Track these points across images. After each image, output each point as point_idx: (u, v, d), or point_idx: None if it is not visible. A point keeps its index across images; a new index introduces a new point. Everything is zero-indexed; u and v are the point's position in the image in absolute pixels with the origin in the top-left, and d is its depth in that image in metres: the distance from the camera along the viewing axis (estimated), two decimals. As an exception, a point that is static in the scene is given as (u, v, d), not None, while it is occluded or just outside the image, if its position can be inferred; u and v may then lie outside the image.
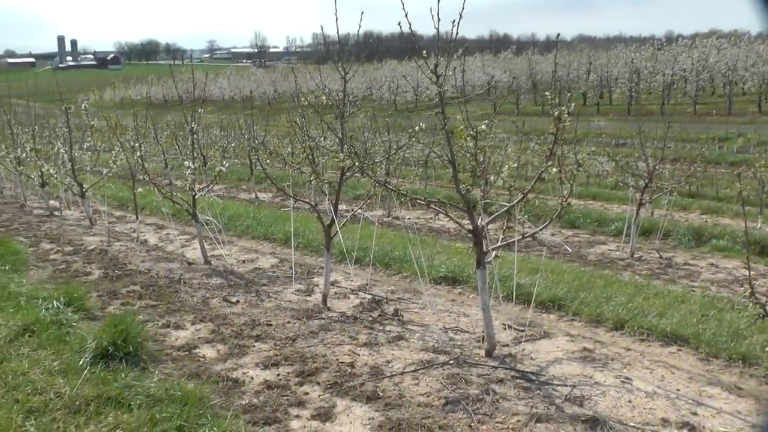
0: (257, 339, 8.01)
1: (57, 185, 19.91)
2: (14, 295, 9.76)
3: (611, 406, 6.19)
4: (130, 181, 15.56)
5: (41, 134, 21.32)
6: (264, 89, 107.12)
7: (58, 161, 18.97)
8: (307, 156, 9.64)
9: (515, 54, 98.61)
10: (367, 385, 6.62)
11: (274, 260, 12.30)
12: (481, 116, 7.17)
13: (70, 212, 19.46)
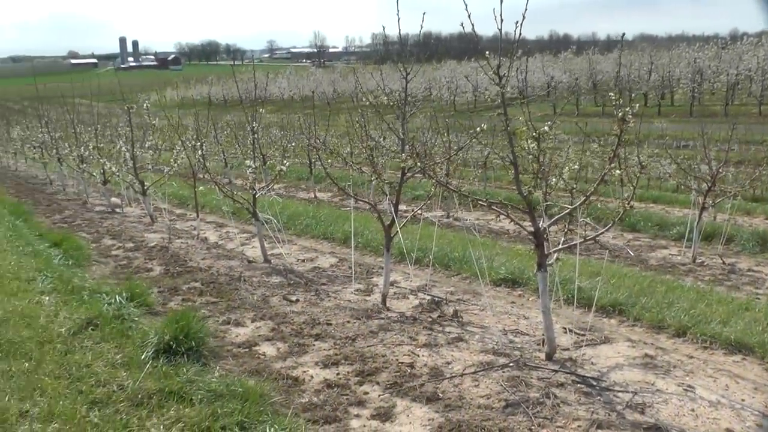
0: (317, 338, 8.04)
1: (119, 183, 20.24)
2: (78, 289, 9.96)
3: (673, 414, 6.06)
4: (191, 179, 15.71)
5: (103, 133, 21.65)
6: (323, 89, 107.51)
7: (120, 159, 19.24)
8: (369, 156, 9.65)
9: (575, 54, 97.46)
10: (427, 385, 6.60)
11: (334, 259, 12.34)
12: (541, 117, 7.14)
13: (131, 209, 19.75)
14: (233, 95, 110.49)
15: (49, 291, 10.08)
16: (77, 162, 22.06)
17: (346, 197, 21.27)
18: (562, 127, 28.75)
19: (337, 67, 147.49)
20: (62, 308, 9.10)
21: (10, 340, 7.83)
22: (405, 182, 9.47)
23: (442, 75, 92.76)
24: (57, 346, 7.68)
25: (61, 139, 25.77)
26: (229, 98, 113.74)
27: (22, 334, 8.08)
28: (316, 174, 24.87)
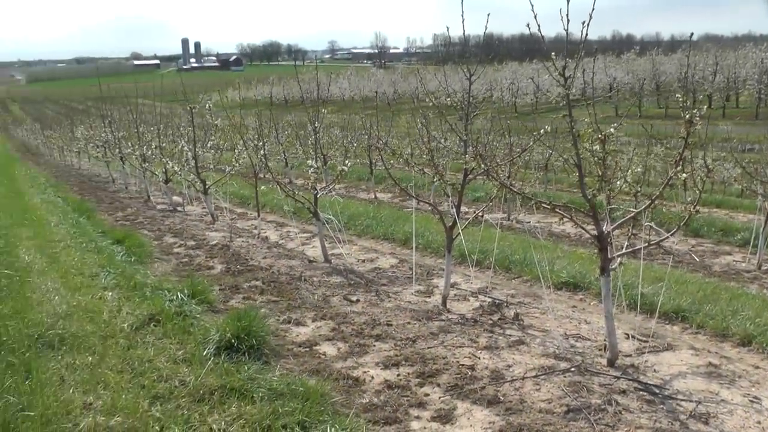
0: (377, 338, 8.03)
1: (180, 182, 20.44)
2: (140, 285, 10.10)
3: (739, 426, 5.91)
4: (252, 179, 15.83)
5: (165, 133, 21.93)
6: (384, 90, 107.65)
7: (182, 159, 19.45)
8: (430, 157, 9.64)
9: (638, 55, 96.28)
10: (487, 388, 6.55)
11: (394, 260, 12.33)
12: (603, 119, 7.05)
13: (192, 208, 19.98)
14: (294, 95, 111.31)
15: (111, 287, 10.25)
16: (140, 161, 22.38)
17: (406, 198, 21.26)
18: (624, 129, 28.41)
19: (398, 67, 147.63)
20: (125, 304, 9.24)
21: (74, 334, 7.99)
22: (467, 184, 9.43)
23: (504, 77, 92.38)
24: (120, 341, 7.81)
25: (124, 139, 26.17)
26: (290, 98, 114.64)
27: (86, 328, 8.23)
28: (377, 174, 24.91)
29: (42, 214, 18.58)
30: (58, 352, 7.56)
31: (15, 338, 7.74)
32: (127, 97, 27.56)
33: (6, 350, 7.40)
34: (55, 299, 9.46)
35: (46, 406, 5.92)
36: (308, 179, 12.11)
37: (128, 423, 5.71)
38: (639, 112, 70.15)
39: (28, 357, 7.18)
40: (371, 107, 57.80)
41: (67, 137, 45.11)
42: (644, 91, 77.81)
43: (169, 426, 5.66)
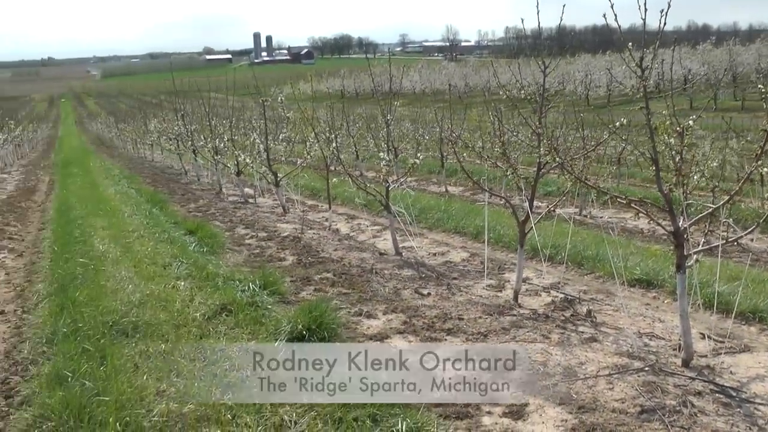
0: (449, 332, 7.98)
1: (252, 174, 20.65)
2: (212, 275, 10.23)
3: (818, 432, 5.74)
4: (323, 171, 15.88)
5: (237, 126, 22.14)
6: (455, 83, 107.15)
7: (253, 151, 19.60)
8: (504, 150, 9.54)
9: (714, 45, 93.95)
10: (560, 385, 6.47)
11: (465, 254, 12.24)
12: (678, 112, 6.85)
13: (263, 200, 20.13)
14: (365, 88, 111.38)
15: (184, 276, 10.42)
16: (212, 153, 22.65)
17: (477, 191, 21.18)
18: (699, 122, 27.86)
19: (469, 60, 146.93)
20: (197, 293, 9.37)
21: (147, 322, 8.15)
22: (540, 178, 9.32)
23: (576, 69, 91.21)
24: (192, 330, 7.95)
25: (196, 132, 26.50)
26: (360, 91, 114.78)
27: (159, 316, 8.39)
28: (448, 168, 24.79)
29: (116, 205, 18.90)
30: (131, 339, 7.72)
31: (90, 325, 7.92)
32: (200, 91, 27.88)
33: (82, 336, 7.58)
34: (129, 288, 9.63)
35: (120, 391, 6.02)
36: (379, 172, 12.11)
37: (201, 411, 5.79)
38: (714, 104, 68.65)
39: (102, 343, 7.35)
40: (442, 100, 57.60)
41: (140, 130, 45.86)
42: (720, 83, 75.99)
43: (240, 415, 5.72)
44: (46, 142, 72.19)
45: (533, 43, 16.51)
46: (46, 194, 25.44)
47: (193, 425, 5.61)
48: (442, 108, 25.32)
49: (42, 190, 27.13)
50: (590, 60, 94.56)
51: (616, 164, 23.39)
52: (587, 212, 17.59)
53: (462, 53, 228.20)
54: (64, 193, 23.01)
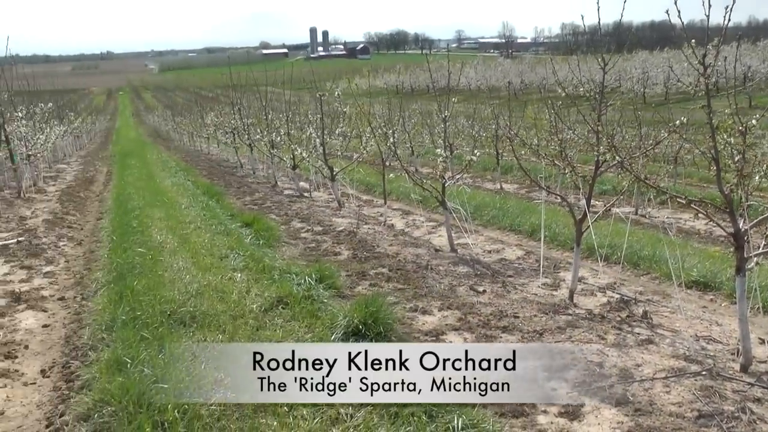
0: (504, 330, 7.95)
1: (307, 168, 20.74)
2: (268, 268, 10.31)
3: None
4: (378, 166, 15.89)
5: (293, 120, 22.25)
6: (510, 80, 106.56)
7: (309, 145, 19.68)
8: (562, 148, 9.48)
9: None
10: (616, 387, 6.40)
11: (520, 252, 12.18)
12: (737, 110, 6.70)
13: (318, 194, 20.21)
14: (420, 84, 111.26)
15: (240, 268, 10.51)
16: (268, 147, 22.80)
17: (532, 189, 21.08)
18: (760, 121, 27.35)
19: (525, 57, 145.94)
20: (253, 285, 9.46)
21: (204, 313, 8.24)
22: (598, 176, 9.24)
23: (633, 66, 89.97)
24: (249, 322, 8.02)
25: (252, 125, 26.68)
26: (416, 87, 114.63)
27: (216, 307, 8.48)
28: (503, 165, 24.69)
29: (173, 197, 19.11)
30: (189, 328, 7.84)
31: (148, 313, 8.04)
32: (257, 85, 28.08)
33: (140, 324, 7.71)
34: (186, 278, 9.75)
35: (178, 379, 6.09)
36: (434, 168, 12.12)
37: (258, 402, 5.81)
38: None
39: (161, 332, 7.46)
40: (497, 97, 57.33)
41: (197, 123, 46.29)
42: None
43: (297, 407, 5.74)
44: (104, 133, 73.23)
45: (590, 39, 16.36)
46: (104, 185, 25.83)
47: (251, 416, 5.66)
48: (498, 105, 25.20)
49: (100, 181, 27.53)
50: (647, 57, 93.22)
51: (673, 163, 23.07)
52: (644, 212, 17.37)
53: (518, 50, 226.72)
54: (121, 184, 23.32)
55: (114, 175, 28.81)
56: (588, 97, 9.62)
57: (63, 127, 35.82)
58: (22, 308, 9.39)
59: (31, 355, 7.79)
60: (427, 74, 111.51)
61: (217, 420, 5.64)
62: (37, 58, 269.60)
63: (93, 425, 5.73)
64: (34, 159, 23.64)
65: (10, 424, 6.13)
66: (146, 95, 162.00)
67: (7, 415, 6.30)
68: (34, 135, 23.41)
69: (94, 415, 5.83)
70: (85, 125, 56.53)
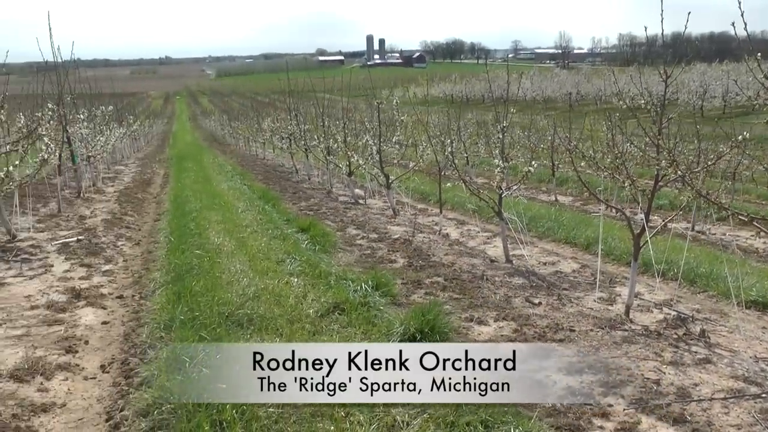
0: (560, 343, 7.90)
1: (363, 175, 20.80)
2: (324, 274, 10.39)
3: None
4: (434, 175, 15.91)
5: (349, 127, 22.36)
6: (566, 90, 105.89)
7: (365, 153, 19.76)
8: (621, 161, 9.42)
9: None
10: (673, 406, 6.31)
11: (575, 265, 12.08)
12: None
13: (373, 201, 20.26)
14: (475, 94, 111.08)
15: (297, 273, 10.60)
16: (324, 153, 22.93)
17: (588, 201, 20.92)
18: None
19: (581, 68, 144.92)
20: (310, 290, 9.54)
21: (262, 316, 8.34)
22: (657, 190, 9.16)
23: (691, 78, 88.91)
24: (306, 326, 8.09)
25: (308, 131, 26.86)
26: (471, 96, 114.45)
27: (273, 311, 8.57)
28: (558, 176, 24.54)
29: (229, 200, 19.31)
30: (246, 330, 7.94)
31: (206, 314, 8.17)
32: (314, 91, 28.26)
33: (198, 325, 7.83)
34: (244, 281, 9.86)
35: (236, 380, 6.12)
36: (489, 178, 12.10)
37: (315, 407, 5.87)
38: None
39: (218, 333, 7.58)
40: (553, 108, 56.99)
41: (253, 128, 46.70)
42: None
43: (353, 413, 5.79)
44: (161, 137, 74.16)
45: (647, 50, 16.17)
46: (161, 187, 26.18)
47: (308, 419, 5.71)
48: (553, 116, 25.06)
49: (157, 183, 27.92)
50: (706, 69, 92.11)
51: (731, 179, 22.75)
52: (702, 228, 17.14)
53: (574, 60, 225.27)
54: (179, 187, 23.61)
55: (171, 177, 29.19)
56: (648, 109, 9.54)
57: (122, 130, 36.36)
58: (81, 305, 9.58)
59: (91, 350, 7.96)
60: (482, 84, 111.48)
61: (275, 422, 5.70)
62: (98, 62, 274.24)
63: (152, 421, 5.83)
64: (94, 160, 24.06)
65: (72, 416, 6.26)
66: (203, 100, 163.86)
67: (69, 407, 6.44)
68: (94, 137, 23.81)
69: (153, 411, 5.93)
70: (142, 128, 57.32)
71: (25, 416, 6.12)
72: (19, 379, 6.86)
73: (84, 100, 24.84)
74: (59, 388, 6.80)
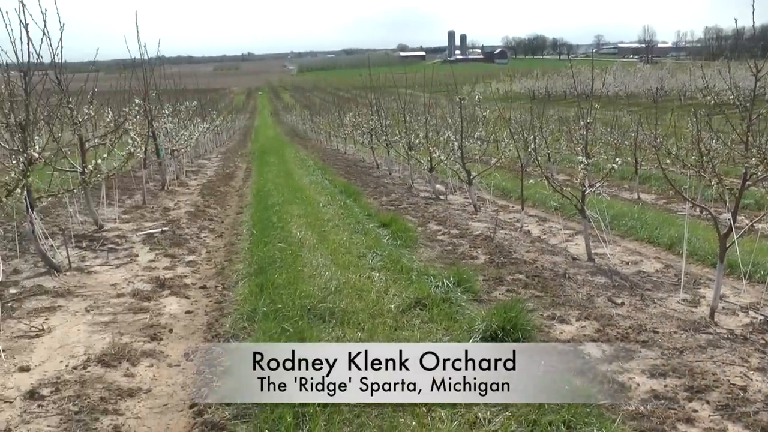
0: (643, 345, 7.74)
1: (444, 171, 20.75)
2: (406, 269, 10.45)
3: None
4: (515, 171, 15.80)
5: (430, 122, 22.32)
6: (649, 86, 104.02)
7: (447, 148, 19.73)
8: (710, 159, 9.23)
9: None
10: (761, 414, 6.13)
11: (659, 265, 11.82)
12: None
13: (454, 197, 20.21)
14: (557, 90, 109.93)
15: (378, 268, 10.68)
16: (406, 149, 22.95)
17: (671, 200, 20.54)
18: None
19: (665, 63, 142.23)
20: (391, 285, 9.62)
21: (343, 310, 8.45)
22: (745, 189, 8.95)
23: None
24: (387, 321, 8.16)
25: (389, 127, 26.91)
26: (552, 92, 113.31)
27: (355, 305, 8.67)
28: (641, 174, 24.13)
29: (311, 195, 19.50)
30: (328, 324, 8.05)
31: (288, 307, 8.33)
32: (395, 87, 28.30)
33: (280, 317, 7.97)
34: (326, 275, 10.00)
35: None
36: (570, 175, 11.97)
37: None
38: None
39: (301, 326, 7.69)
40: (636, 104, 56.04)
41: (334, 123, 46.96)
42: None
43: (435, 409, 5.80)
44: (243, 131, 75.01)
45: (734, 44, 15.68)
46: (243, 180, 26.55)
47: (390, 414, 5.75)
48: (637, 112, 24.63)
49: (239, 177, 28.28)
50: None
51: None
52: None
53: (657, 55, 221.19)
54: (261, 181, 23.90)
55: (253, 171, 29.59)
56: (737, 104, 9.33)
57: (205, 125, 36.95)
58: (166, 294, 9.84)
59: (175, 338, 8.17)
60: (564, 80, 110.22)
61: (356, 416, 5.75)
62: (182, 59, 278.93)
63: (235, 410, 5.96)
64: (178, 154, 24.55)
65: (157, 402, 6.44)
66: (284, 95, 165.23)
67: (154, 393, 6.62)
68: (178, 131, 24.30)
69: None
70: (225, 123, 58.08)
71: (113, 399, 6.30)
72: (107, 363, 7.10)
73: (169, 95, 25.33)
74: (144, 374, 7.01)
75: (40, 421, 5.85)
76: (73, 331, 8.13)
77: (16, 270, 10.77)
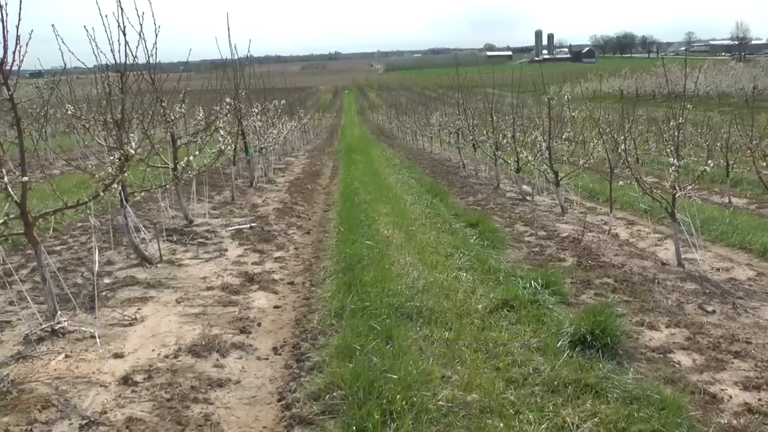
0: (736, 355, 7.51)
1: (531, 171, 20.66)
2: (493, 269, 10.46)
3: None
4: (604, 173, 15.64)
5: (517, 123, 22.23)
6: (742, 85, 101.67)
7: (534, 149, 19.65)
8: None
9: None
10: None
11: (751, 272, 11.50)
12: None
13: (540, 198, 20.14)
14: (645, 89, 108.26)
15: (466, 268, 10.71)
16: (493, 149, 22.91)
17: (763, 205, 20.12)
18: None
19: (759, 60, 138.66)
20: (479, 286, 9.64)
21: (431, 309, 8.49)
22: None
23: None
24: (474, 321, 8.17)
25: (476, 126, 26.89)
26: (641, 92, 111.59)
27: (443, 304, 8.71)
28: (733, 177, 23.64)
29: (397, 193, 19.60)
30: (415, 323, 8.09)
31: (376, 305, 8.38)
32: (482, 87, 28.28)
33: (368, 315, 8.04)
34: (413, 273, 10.06)
35: (406, 372, 6.33)
36: (658, 177, 11.80)
37: (484, 401, 5.97)
38: None
39: (388, 324, 7.73)
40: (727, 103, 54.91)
41: (421, 122, 47.09)
42: None
43: (522, 411, 5.81)
44: (330, 130, 75.71)
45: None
46: (330, 178, 26.81)
47: (477, 415, 5.76)
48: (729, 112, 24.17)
49: (326, 174, 28.57)
50: None
51: None
52: None
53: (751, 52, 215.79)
54: (348, 179, 24.06)
55: (340, 169, 29.82)
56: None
57: (293, 123, 37.36)
58: (254, 288, 10.04)
59: (264, 332, 8.29)
60: (653, 79, 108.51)
61: (444, 416, 5.78)
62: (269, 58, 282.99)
63: (323, 405, 6.03)
64: (266, 151, 24.91)
65: (246, 393, 6.56)
66: (371, 94, 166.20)
67: (243, 384, 6.75)
68: (266, 129, 24.64)
69: (324, 396, 6.14)
70: (312, 121, 58.72)
71: (203, 389, 6.46)
72: (197, 354, 7.29)
73: (257, 94, 25.67)
74: (234, 366, 7.16)
75: (134, 406, 6.02)
76: (164, 321, 8.37)
77: (110, 261, 11.15)
